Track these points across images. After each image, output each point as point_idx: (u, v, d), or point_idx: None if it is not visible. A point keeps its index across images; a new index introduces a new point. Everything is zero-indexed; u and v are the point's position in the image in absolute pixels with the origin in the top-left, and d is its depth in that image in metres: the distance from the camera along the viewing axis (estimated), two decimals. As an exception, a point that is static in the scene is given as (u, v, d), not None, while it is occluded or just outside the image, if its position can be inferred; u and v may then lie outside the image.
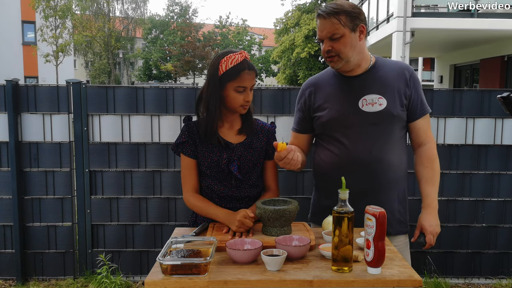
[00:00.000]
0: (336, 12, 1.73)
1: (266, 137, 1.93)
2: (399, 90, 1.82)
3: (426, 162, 1.89)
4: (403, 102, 1.82)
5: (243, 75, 1.77)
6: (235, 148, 1.85)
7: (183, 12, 34.45)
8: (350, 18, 1.74)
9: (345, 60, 1.78)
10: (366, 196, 1.76)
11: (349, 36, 1.75)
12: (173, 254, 1.39)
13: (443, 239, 3.31)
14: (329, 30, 1.74)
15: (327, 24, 1.74)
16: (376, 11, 12.93)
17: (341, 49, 1.75)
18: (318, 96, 1.90)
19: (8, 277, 3.35)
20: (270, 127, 1.97)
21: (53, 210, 3.30)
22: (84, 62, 34.27)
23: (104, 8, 28.77)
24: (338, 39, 1.74)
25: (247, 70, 1.78)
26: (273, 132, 1.97)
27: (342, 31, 1.73)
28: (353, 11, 1.76)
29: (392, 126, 1.81)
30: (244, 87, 1.78)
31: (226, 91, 1.79)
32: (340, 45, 1.75)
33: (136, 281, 3.35)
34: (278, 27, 27.91)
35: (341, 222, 1.33)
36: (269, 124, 1.99)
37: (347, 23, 1.73)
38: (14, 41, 20.71)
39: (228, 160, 1.83)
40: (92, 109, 3.24)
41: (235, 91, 1.78)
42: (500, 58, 11.97)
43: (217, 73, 1.78)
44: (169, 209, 3.29)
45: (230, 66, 1.77)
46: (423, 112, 1.86)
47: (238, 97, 1.79)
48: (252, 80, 1.80)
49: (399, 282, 1.29)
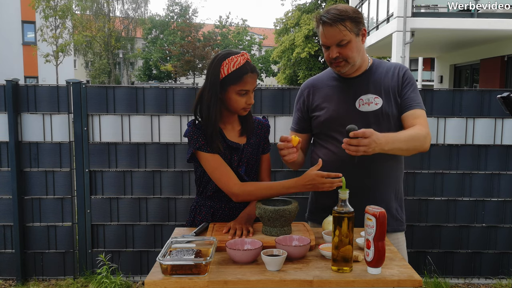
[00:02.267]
0: (342, 19, 1.73)
1: (263, 132, 1.95)
2: (393, 89, 1.85)
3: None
4: (397, 101, 1.85)
5: (246, 78, 1.74)
6: (244, 149, 1.85)
7: (183, 12, 34.47)
8: (355, 24, 1.76)
9: (352, 64, 1.81)
10: (363, 194, 1.78)
11: (355, 41, 1.77)
12: (173, 254, 1.39)
13: (443, 239, 3.31)
14: (337, 37, 1.75)
15: (334, 31, 1.75)
16: (376, 11, 12.93)
17: (348, 54, 1.77)
18: (317, 96, 1.93)
19: (8, 277, 3.35)
20: (265, 122, 1.98)
21: (53, 210, 3.30)
22: (84, 62, 34.28)
23: (104, 8, 28.78)
24: (346, 45, 1.76)
25: (250, 74, 1.75)
26: (268, 126, 1.98)
27: (349, 37, 1.75)
28: (357, 16, 1.77)
29: (388, 125, 1.83)
30: (247, 90, 1.77)
31: (228, 94, 1.76)
32: (348, 50, 1.77)
33: (136, 281, 3.35)
34: (278, 27, 27.91)
35: (341, 222, 1.33)
36: (262, 118, 1.99)
37: (352, 29, 1.75)
38: (14, 41, 20.70)
39: (239, 162, 1.83)
40: (92, 109, 3.24)
41: (237, 95, 1.76)
42: (500, 58, 11.97)
43: (218, 76, 1.75)
44: (169, 209, 3.29)
45: (233, 70, 1.74)
46: (411, 106, 1.83)
47: (240, 100, 1.77)
48: (254, 82, 1.79)
49: (399, 282, 1.29)
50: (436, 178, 3.26)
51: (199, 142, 1.77)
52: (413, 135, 1.76)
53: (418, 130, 1.78)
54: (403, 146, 1.73)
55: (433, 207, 3.28)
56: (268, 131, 1.97)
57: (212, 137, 1.77)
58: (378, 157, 1.81)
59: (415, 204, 3.29)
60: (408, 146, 1.75)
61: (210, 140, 1.76)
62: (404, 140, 1.73)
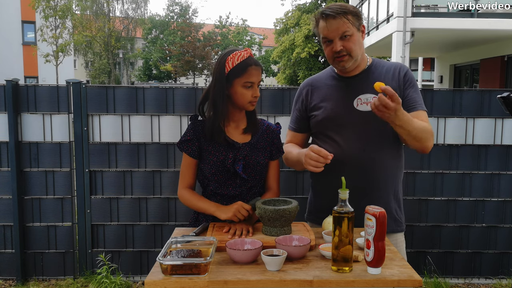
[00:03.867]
0: (344, 12, 1.77)
1: (271, 138, 1.94)
2: (394, 89, 1.82)
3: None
4: None
5: (250, 70, 1.78)
6: (241, 147, 1.85)
7: (183, 12, 34.47)
8: (356, 18, 1.79)
9: (354, 59, 1.81)
10: (361, 194, 1.76)
11: (357, 35, 1.79)
12: (173, 254, 1.39)
13: (443, 239, 3.31)
14: (341, 29, 1.76)
15: (338, 24, 1.76)
16: (376, 11, 12.93)
17: (351, 47, 1.78)
18: (315, 96, 1.93)
19: (8, 277, 3.35)
20: (275, 128, 1.98)
21: (53, 210, 3.30)
22: (84, 62, 34.27)
23: (104, 8, 28.78)
24: (349, 38, 1.78)
25: (254, 66, 1.79)
26: (278, 132, 1.98)
27: (351, 30, 1.77)
28: (357, 11, 1.81)
29: (386, 125, 1.81)
30: (252, 83, 1.79)
31: (233, 88, 1.80)
32: (351, 43, 1.78)
33: (136, 281, 3.35)
34: (278, 27, 27.90)
35: (341, 222, 1.33)
36: (275, 124, 1.99)
37: (354, 22, 1.78)
38: (14, 41, 20.70)
39: (234, 160, 1.83)
40: (92, 109, 3.24)
41: (243, 87, 1.79)
42: (500, 58, 11.97)
43: (223, 71, 1.79)
44: (169, 209, 3.29)
45: (237, 63, 1.77)
46: (414, 107, 1.84)
47: (246, 93, 1.80)
48: (258, 75, 1.81)
49: (399, 282, 1.29)
50: (436, 178, 3.26)
51: (186, 137, 1.87)
52: (425, 127, 1.78)
53: (428, 125, 1.81)
54: (412, 131, 1.72)
55: (433, 207, 3.28)
56: (278, 137, 1.96)
57: (212, 132, 1.81)
58: (377, 157, 1.81)
59: (415, 204, 3.29)
60: (416, 134, 1.74)
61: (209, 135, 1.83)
62: (416, 127, 1.72)
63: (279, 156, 1.97)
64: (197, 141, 1.86)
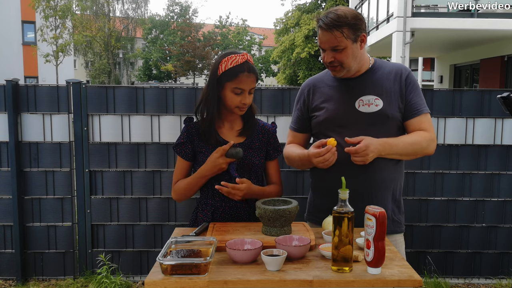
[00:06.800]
0: (339, 25, 1.71)
1: (266, 138, 1.94)
2: (395, 91, 1.83)
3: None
4: (399, 103, 1.83)
5: (241, 77, 1.78)
6: None
7: (183, 12, 34.46)
8: (353, 30, 1.73)
9: (347, 69, 1.80)
10: (360, 195, 1.76)
11: (351, 48, 1.75)
12: (173, 254, 1.39)
13: (443, 239, 3.31)
14: (332, 42, 1.74)
15: (329, 37, 1.73)
16: (376, 11, 12.92)
17: (343, 59, 1.76)
18: (317, 96, 1.92)
19: (8, 277, 3.35)
20: (271, 127, 1.98)
21: (53, 210, 3.30)
22: (84, 62, 34.29)
23: (104, 8, 28.78)
24: (341, 51, 1.75)
25: (246, 73, 1.78)
26: (273, 132, 1.98)
27: (344, 44, 1.73)
28: (356, 22, 1.74)
29: (388, 127, 1.82)
30: (242, 89, 1.79)
31: (224, 90, 1.81)
32: (343, 56, 1.76)
33: (136, 281, 3.35)
34: (278, 27, 27.93)
35: (341, 222, 1.33)
36: (270, 124, 2.00)
37: (349, 35, 1.73)
38: (14, 41, 20.69)
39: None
40: (92, 109, 3.24)
41: (232, 92, 1.79)
42: (500, 58, 11.97)
43: (216, 72, 1.81)
44: (169, 209, 3.29)
45: (230, 67, 1.78)
46: (417, 111, 1.84)
47: (235, 98, 1.80)
48: (251, 83, 1.81)
49: (399, 282, 1.29)
50: (436, 178, 3.26)
51: (179, 140, 1.90)
52: (414, 142, 1.79)
53: (421, 136, 1.80)
54: (401, 152, 1.79)
55: (433, 207, 3.28)
56: (273, 137, 1.97)
57: (205, 133, 1.85)
58: (377, 158, 1.81)
59: (415, 204, 3.29)
60: (407, 152, 1.80)
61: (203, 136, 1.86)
62: (402, 147, 1.78)
63: (277, 155, 1.97)
64: (190, 144, 1.89)
